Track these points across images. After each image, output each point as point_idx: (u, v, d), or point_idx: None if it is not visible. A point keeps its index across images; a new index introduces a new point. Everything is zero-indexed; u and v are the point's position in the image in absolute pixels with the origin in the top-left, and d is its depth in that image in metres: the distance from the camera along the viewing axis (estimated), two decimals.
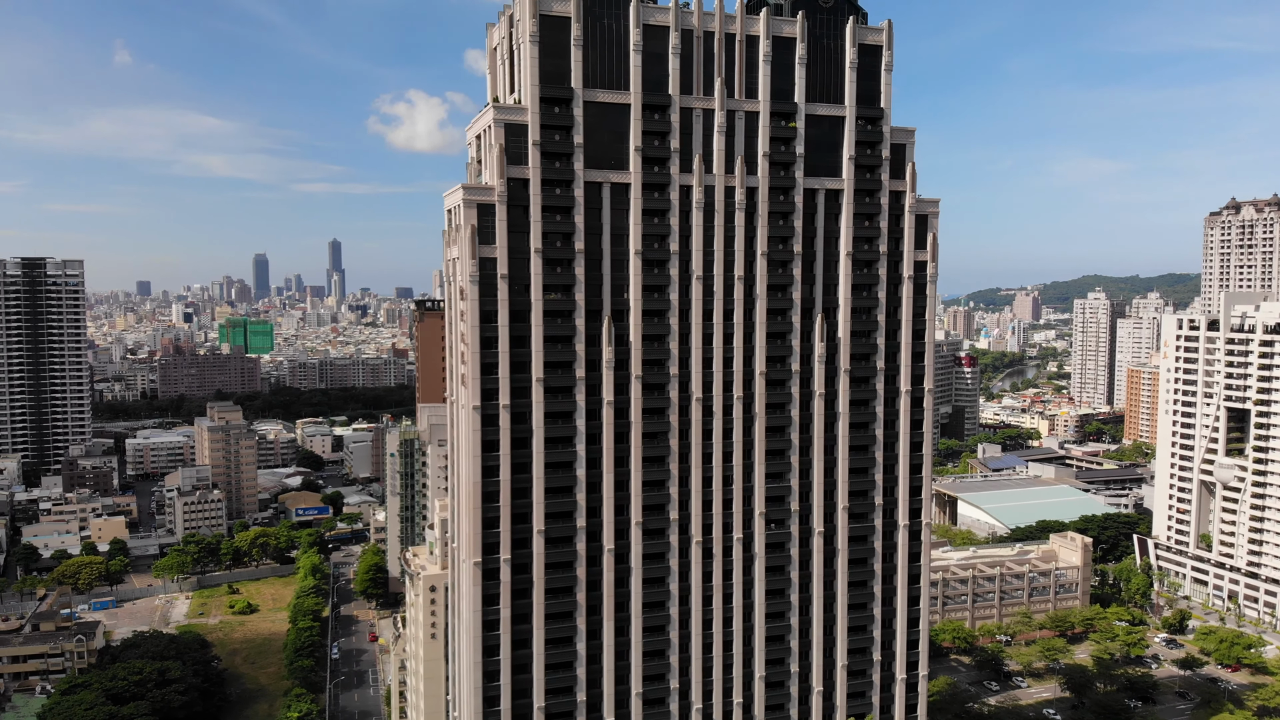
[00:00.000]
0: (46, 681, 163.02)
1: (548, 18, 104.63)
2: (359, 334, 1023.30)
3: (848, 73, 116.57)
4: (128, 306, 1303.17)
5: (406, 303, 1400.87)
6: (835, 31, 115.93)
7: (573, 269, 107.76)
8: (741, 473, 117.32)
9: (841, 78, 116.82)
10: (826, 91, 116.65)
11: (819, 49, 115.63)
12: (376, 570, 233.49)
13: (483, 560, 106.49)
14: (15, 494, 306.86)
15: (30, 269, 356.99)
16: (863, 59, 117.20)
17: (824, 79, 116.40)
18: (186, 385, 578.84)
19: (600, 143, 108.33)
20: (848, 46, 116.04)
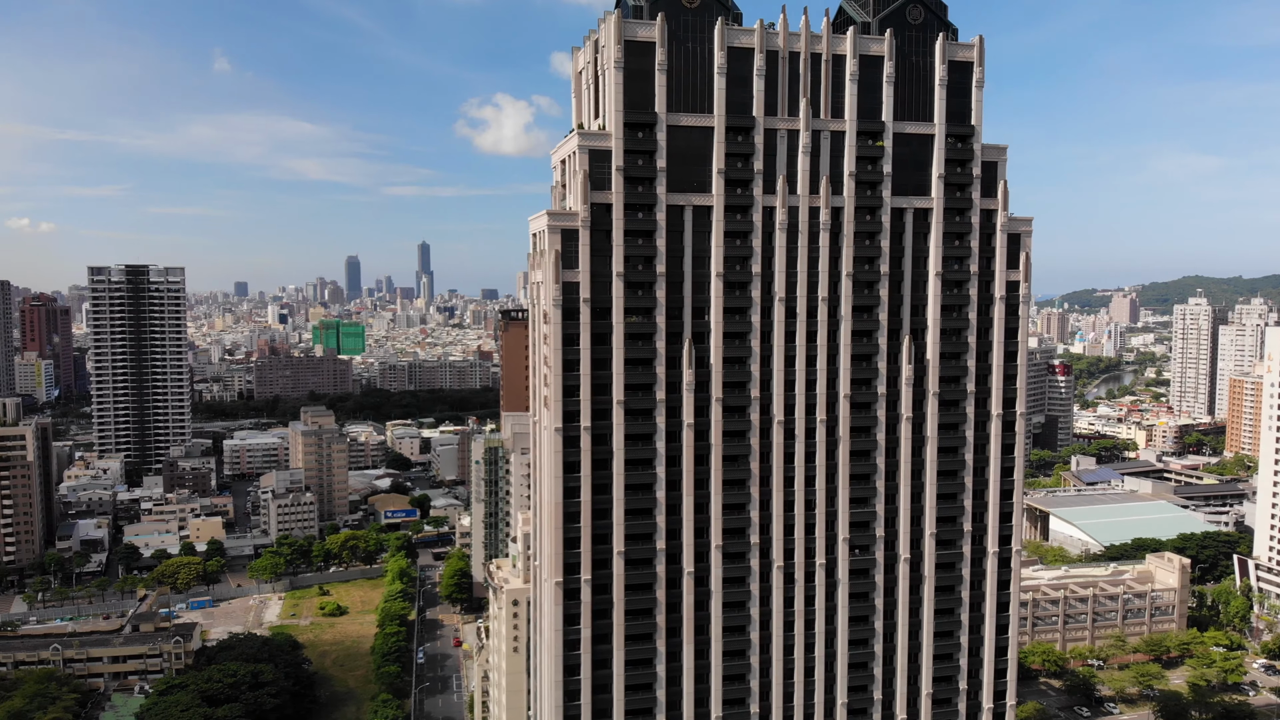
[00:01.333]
0: (145, 681, 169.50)
1: (632, 43, 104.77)
2: (446, 335, 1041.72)
3: (937, 90, 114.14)
4: (226, 307, 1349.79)
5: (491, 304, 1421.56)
6: (924, 49, 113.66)
7: (654, 292, 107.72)
8: (825, 497, 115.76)
9: (931, 95, 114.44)
10: (915, 109, 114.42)
11: (907, 66, 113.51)
12: (461, 575, 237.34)
13: (564, 580, 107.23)
14: (118, 494, 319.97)
15: (134, 275, 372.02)
16: (953, 76, 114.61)
17: (912, 97, 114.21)
18: (281, 386, 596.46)
19: (683, 166, 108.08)
20: (937, 64, 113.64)
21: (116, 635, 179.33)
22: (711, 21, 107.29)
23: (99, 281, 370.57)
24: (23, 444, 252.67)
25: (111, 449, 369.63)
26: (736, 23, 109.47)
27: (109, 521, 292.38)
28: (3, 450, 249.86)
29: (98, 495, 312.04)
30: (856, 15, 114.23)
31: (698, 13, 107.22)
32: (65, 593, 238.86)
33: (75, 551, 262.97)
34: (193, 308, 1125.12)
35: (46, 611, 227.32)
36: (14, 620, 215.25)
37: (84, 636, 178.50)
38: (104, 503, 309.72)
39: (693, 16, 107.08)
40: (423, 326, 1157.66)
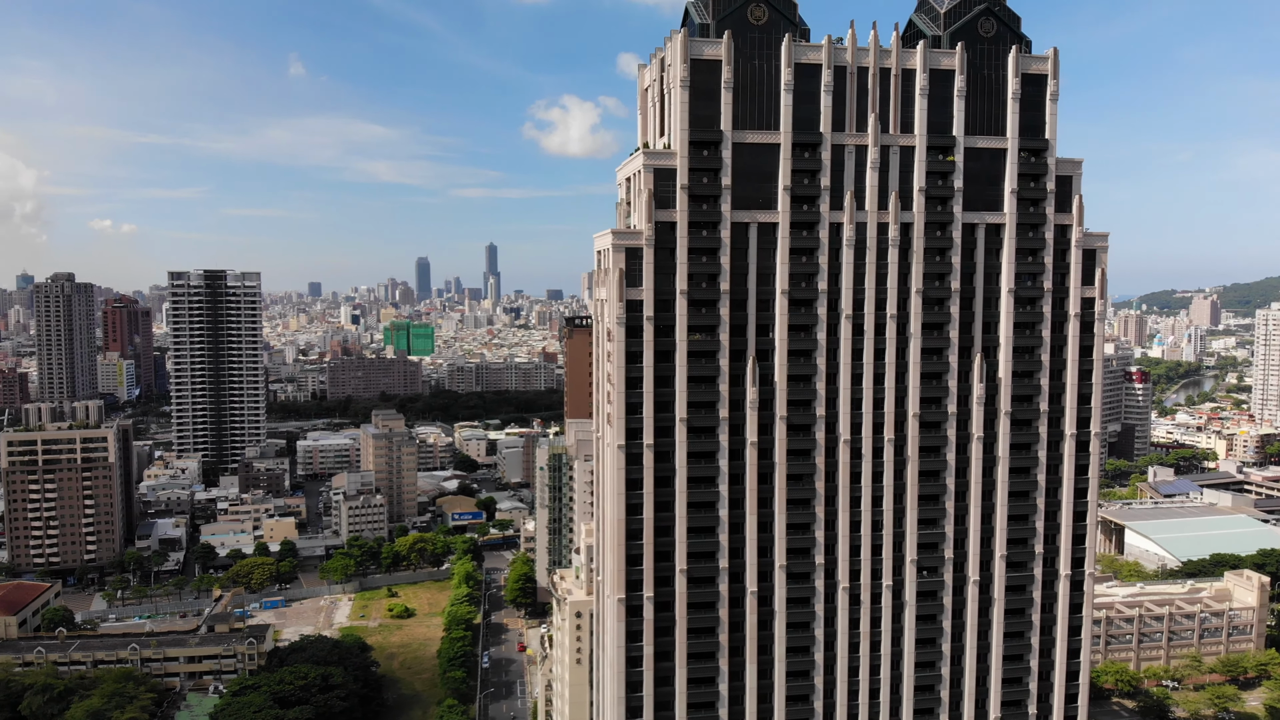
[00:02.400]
0: (219, 681, 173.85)
1: (698, 61, 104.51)
2: (512, 336, 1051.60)
3: (1010, 104, 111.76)
4: (300, 307, 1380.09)
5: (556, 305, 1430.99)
6: (997, 62, 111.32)
7: (718, 310, 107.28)
8: (892, 518, 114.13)
9: (1003, 109, 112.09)
10: (987, 123, 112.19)
11: (979, 80, 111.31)
12: (525, 580, 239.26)
13: (626, 597, 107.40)
14: (195, 493, 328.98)
15: (212, 280, 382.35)
16: (1026, 89, 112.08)
17: (984, 111, 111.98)
18: (353, 387, 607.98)
19: (748, 183, 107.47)
20: (1010, 77, 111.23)
21: (193, 635, 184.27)
22: (778, 38, 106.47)
23: (179, 286, 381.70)
24: (105, 446, 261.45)
25: (190, 449, 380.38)
26: (804, 39, 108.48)
27: (186, 521, 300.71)
28: (86, 452, 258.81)
29: (176, 495, 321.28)
30: (927, 29, 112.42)
31: (764, 30, 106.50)
32: (143, 591, 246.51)
33: (154, 550, 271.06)
34: (268, 308, 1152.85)
35: (125, 610, 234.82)
36: (94, 618, 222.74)
37: (161, 636, 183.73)
38: (182, 502, 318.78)
39: (759, 34, 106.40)
40: (489, 327, 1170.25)
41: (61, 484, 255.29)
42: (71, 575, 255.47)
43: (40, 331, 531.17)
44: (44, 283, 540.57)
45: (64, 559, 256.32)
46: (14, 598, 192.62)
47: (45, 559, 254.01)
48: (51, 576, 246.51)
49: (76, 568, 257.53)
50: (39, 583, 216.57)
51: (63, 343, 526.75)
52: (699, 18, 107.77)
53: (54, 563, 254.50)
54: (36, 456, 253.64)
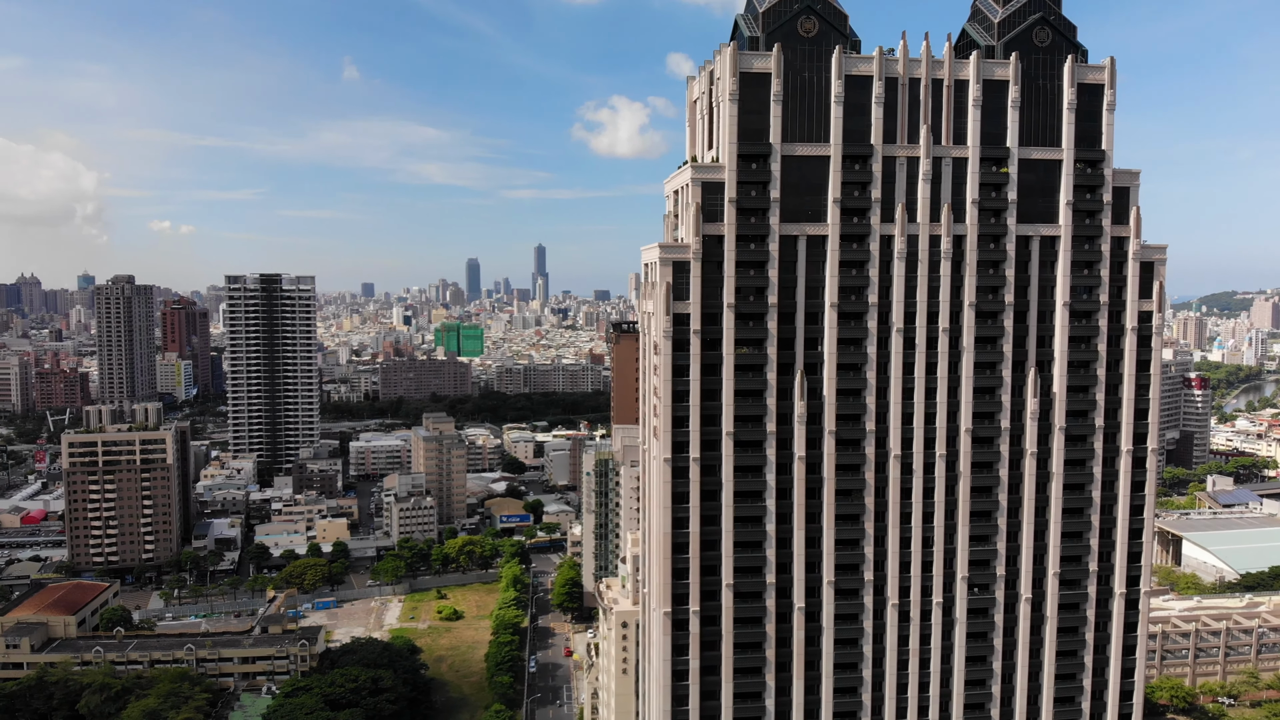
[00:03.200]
0: (272, 682, 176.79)
1: (747, 75, 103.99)
2: (559, 337, 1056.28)
3: (1065, 114, 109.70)
4: (353, 308, 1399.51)
5: (603, 305, 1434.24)
6: (1052, 72, 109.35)
7: (765, 323, 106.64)
8: (943, 534, 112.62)
9: (1059, 119, 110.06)
10: (1042, 134, 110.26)
11: (1034, 90, 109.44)
12: (572, 585, 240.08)
13: (672, 610, 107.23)
14: (250, 493, 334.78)
15: (268, 283, 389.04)
16: (1082, 99, 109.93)
17: (1039, 121, 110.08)
18: (405, 388, 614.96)
19: (797, 195, 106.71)
20: (1065, 87, 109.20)
21: (247, 636, 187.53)
22: (828, 50, 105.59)
23: (235, 289, 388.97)
24: (163, 447, 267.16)
25: (245, 449, 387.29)
26: (854, 50, 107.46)
27: (241, 521, 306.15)
28: (145, 453, 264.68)
29: (231, 495, 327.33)
30: (980, 39, 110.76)
31: (814, 42, 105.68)
32: (199, 590, 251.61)
33: (210, 550, 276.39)
34: (322, 308, 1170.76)
35: (182, 608, 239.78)
36: (151, 617, 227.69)
37: (216, 637, 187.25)
38: (237, 502, 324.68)
39: (809, 46, 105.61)
40: (537, 328, 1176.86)
41: (121, 485, 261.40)
42: (130, 574, 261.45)
43: (101, 332, 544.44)
44: (105, 285, 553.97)
45: (123, 558, 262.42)
46: (73, 598, 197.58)
47: (104, 558, 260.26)
48: (110, 575, 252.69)
49: (135, 566, 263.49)
50: (98, 582, 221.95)
51: (123, 343, 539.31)
52: (748, 30, 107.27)
53: (113, 562, 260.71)
54: (97, 457, 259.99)
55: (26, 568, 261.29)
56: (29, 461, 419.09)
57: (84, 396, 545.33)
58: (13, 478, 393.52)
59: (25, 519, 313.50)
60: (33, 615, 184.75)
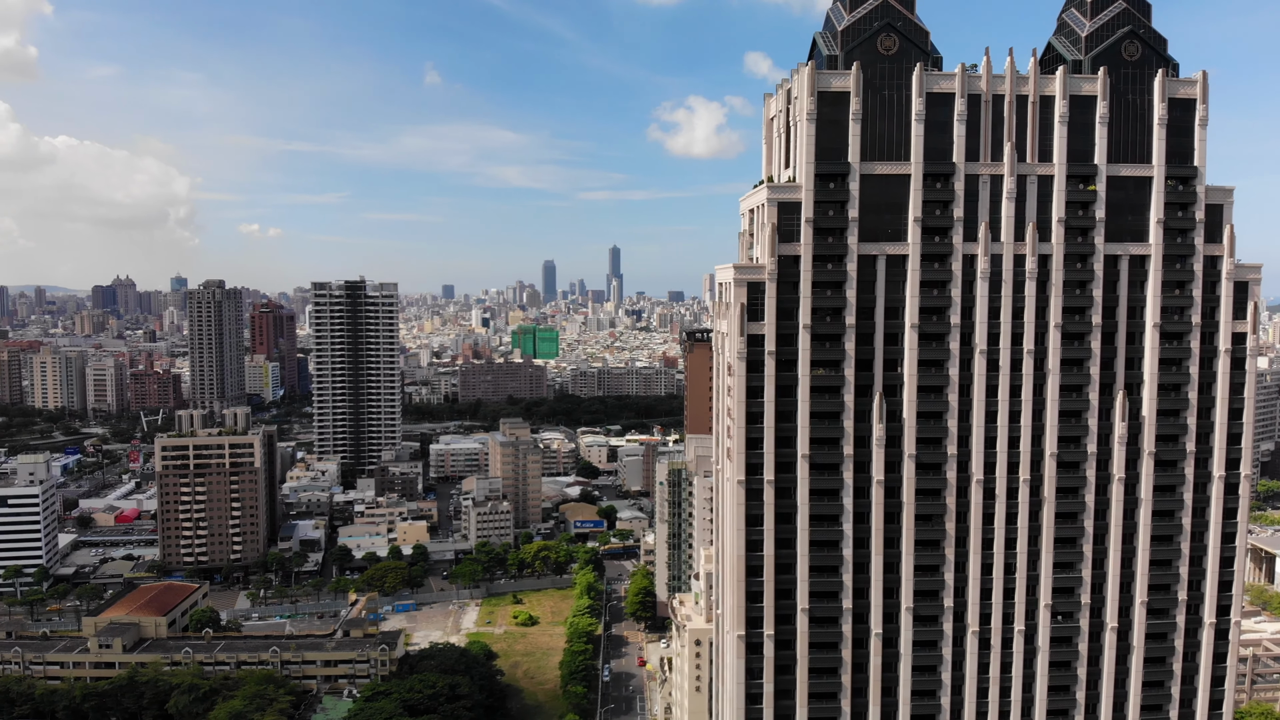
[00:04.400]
0: (354, 685, 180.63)
1: (826, 94, 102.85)
2: (633, 339, 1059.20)
3: (1156, 130, 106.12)
4: (434, 309, 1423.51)
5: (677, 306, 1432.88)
6: (1141, 86, 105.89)
7: (842, 344, 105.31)
8: (1026, 560, 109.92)
9: (1148, 136, 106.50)
10: (1131, 151, 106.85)
11: (1122, 106, 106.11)
12: (645, 594, 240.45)
13: (746, 634, 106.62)
14: (334, 495, 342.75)
15: (352, 289, 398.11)
16: (1173, 114, 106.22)
17: (1128, 138, 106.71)
18: (483, 390, 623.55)
19: (876, 215, 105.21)
20: (1156, 102, 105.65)
21: (329, 639, 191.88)
22: (909, 67, 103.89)
23: (321, 295, 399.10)
24: (251, 451, 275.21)
25: (330, 451, 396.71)
26: (936, 67, 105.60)
27: (325, 522, 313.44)
28: (234, 457, 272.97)
29: (316, 497, 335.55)
30: (1067, 53, 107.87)
31: (894, 59, 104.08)
32: (284, 591, 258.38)
33: (294, 552, 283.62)
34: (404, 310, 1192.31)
35: (267, 609, 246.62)
36: (237, 617, 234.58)
37: (300, 640, 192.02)
38: (321, 504, 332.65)
39: (889, 64, 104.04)
40: (611, 330, 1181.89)
41: (211, 487, 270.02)
42: (218, 574, 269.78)
43: (193, 335, 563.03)
44: (196, 289, 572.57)
45: (211, 558, 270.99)
46: (165, 599, 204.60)
47: (194, 558, 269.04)
48: (199, 575, 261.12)
49: (223, 567, 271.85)
50: (188, 584, 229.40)
51: (213, 346, 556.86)
52: (826, 49, 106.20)
53: (202, 562, 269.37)
54: (188, 461, 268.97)
55: (120, 566, 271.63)
56: (123, 461, 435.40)
57: (176, 397, 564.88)
58: (107, 477, 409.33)
59: (119, 518, 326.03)
60: (125, 616, 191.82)
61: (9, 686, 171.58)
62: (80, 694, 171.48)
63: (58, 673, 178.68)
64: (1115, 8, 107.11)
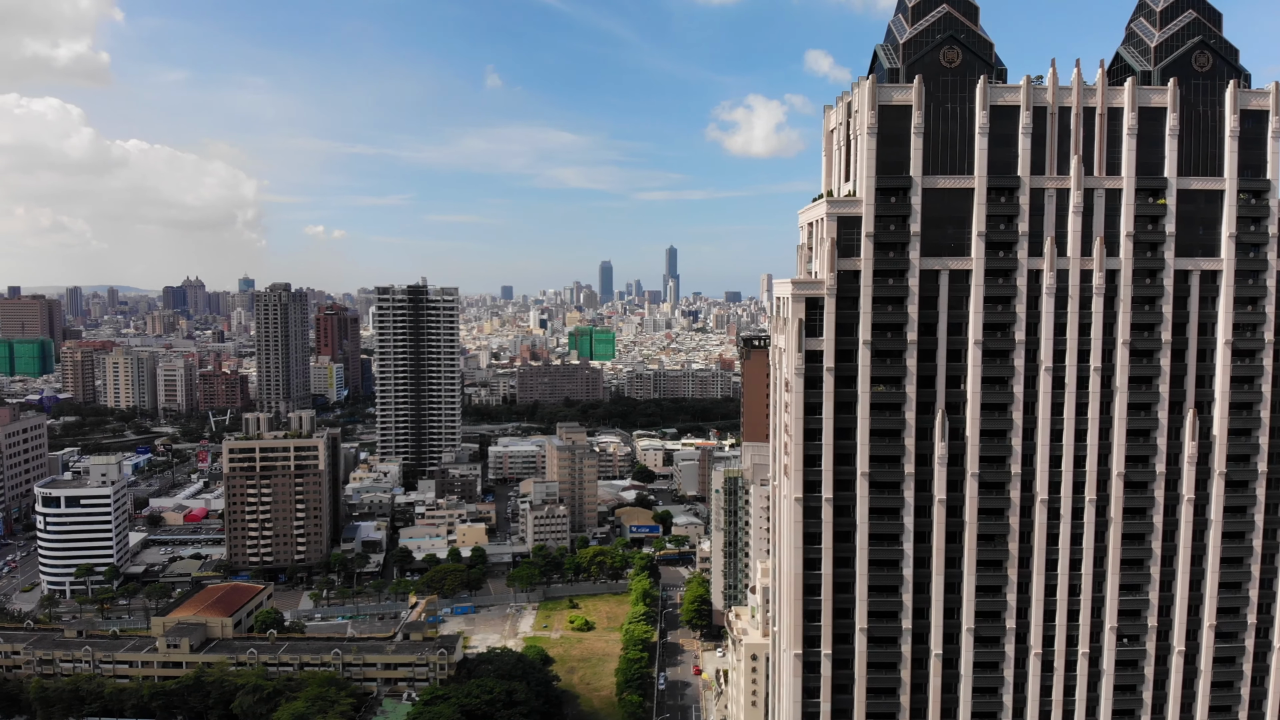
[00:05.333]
0: (413, 689, 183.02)
1: (887, 108, 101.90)
2: (689, 341, 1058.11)
3: (1228, 142, 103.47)
4: (493, 310, 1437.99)
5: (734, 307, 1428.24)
6: (1213, 98, 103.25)
7: (903, 360, 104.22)
8: (1091, 582, 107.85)
9: (1220, 148, 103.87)
10: (1202, 164, 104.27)
11: (1193, 118, 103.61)
12: (701, 602, 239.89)
13: (803, 652, 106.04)
14: (395, 496, 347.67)
15: (414, 294, 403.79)
16: (1245, 126, 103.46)
17: (1199, 150, 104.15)
18: (540, 392, 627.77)
19: (939, 229, 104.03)
20: (1228, 114, 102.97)
21: (389, 642, 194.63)
22: (972, 80, 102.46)
23: (384, 299, 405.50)
24: (315, 454, 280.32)
25: (391, 452, 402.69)
26: (1000, 79, 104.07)
27: (387, 524, 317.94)
28: (299, 459, 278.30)
29: (378, 498, 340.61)
30: (1135, 64, 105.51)
31: (958, 72, 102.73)
32: (346, 592, 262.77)
33: (357, 553, 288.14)
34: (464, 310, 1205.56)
35: (329, 610, 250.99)
36: (301, 618, 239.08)
37: (361, 642, 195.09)
38: (383, 505, 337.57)
39: (952, 76, 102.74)
40: (668, 331, 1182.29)
41: (276, 489, 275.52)
42: (283, 574, 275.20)
43: (260, 337, 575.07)
44: (263, 292, 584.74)
45: (276, 559, 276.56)
46: (231, 599, 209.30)
47: (260, 558, 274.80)
48: (264, 575, 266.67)
49: (287, 567, 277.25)
50: (253, 584, 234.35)
51: (279, 347, 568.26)
52: (888, 62, 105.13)
53: (267, 562, 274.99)
54: (255, 463, 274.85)
55: (188, 565, 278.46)
56: (192, 460, 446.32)
57: (243, 397, 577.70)
58: (176, 476, 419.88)
59: (188, 516, 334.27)
60: (192, 616, 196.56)
61: (79, 685, 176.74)
62: (148, 693, 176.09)
63: (126, 671, 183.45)
64: (1185, 17, 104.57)
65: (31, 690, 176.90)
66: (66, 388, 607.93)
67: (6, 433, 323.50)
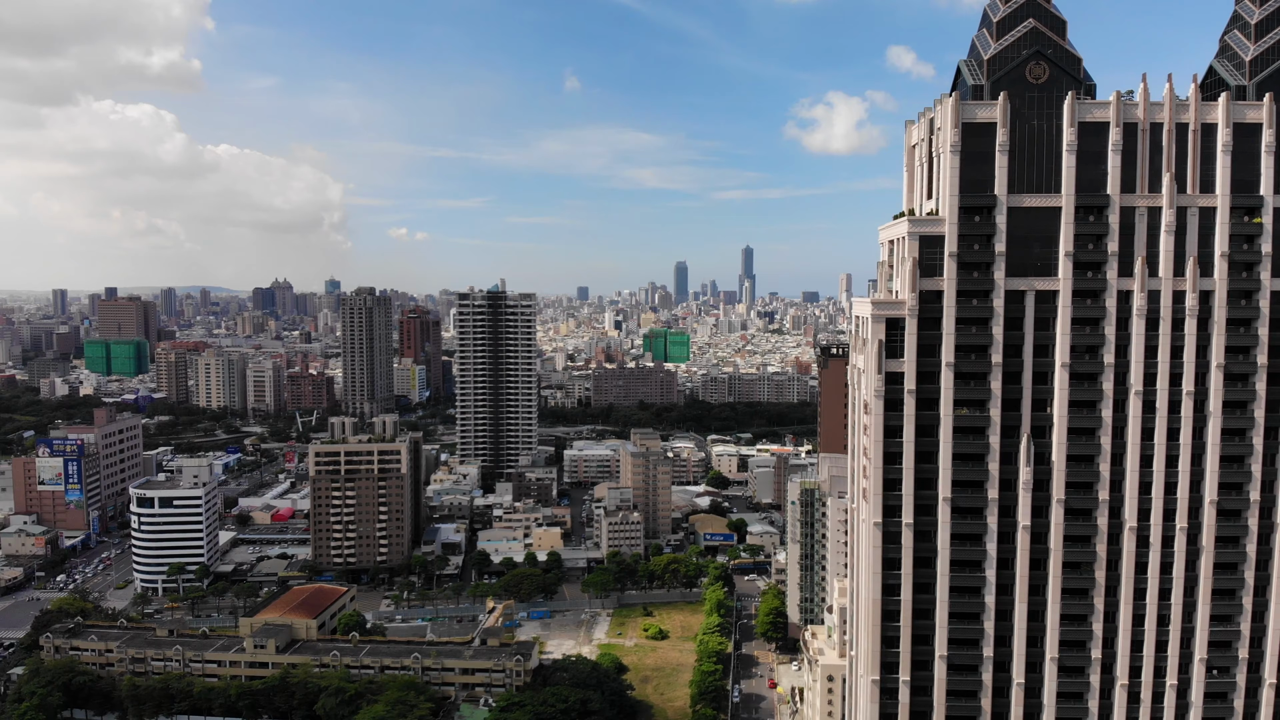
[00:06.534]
0: (490, 695, 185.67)
1: (970, 125, 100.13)
2: (765, 342, 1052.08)
3: None
4: (569, 311, 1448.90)
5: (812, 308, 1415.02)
6: None
7: (987, 383, 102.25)
8: (1181, 612, 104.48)
9: None
10: None
11: None
12: (776, 614, 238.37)
13: (881, 679, 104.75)
14: (474, 499, 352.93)
15: (493, 300, 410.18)
16: None
17: None
18: (615, 395, 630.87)
19: (1024, 249, 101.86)
20: None
21: (467, 647, 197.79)
22: (1060, 96, 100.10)
23: (465, 305, 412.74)
24: (398, 458, 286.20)
25: (470, 454, 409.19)
26: (1088, 95, 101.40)
27: (466, 526, 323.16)
28: (382, 464, 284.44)
29: (457, 500, 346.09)
30: (1229, 78, 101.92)
31: (1044, 88, 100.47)
32: (426, 594, 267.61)
33: (436, 555, 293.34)
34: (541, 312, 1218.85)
35: (409, 611, 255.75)
36: (382, 619, 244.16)
37: (439, 646, 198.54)
38: (462, 507, 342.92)
39: (1039, 92, 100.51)
40: (743, 332, 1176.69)
41: (360, 492, 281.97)
42: (365, 574, 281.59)
43: (345, 339, 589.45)
44: (349, 296, 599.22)
45: (359, 560, 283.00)
46: (316, 601, 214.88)
47: (343, 559, 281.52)
48: (348, 575, 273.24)
49: (370, 568, 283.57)
50: (337, 586, 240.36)
51: (364, 349, 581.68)
52: (972, 78, 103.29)
53: (350, 563, 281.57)
54: (339, 466, 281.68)
55: (275, 565, 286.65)
56: (279, 460, 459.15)
57: (329, 397, 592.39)
58: (265, 476, 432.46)
59: (275, 516, 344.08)
60: (279, 617, 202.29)
61: (169, 683, 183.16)
62: (235, 692, 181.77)
63: (215, 671, 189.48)
64: None
65: (124, 688, 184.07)
66: (161, 388, 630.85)
67: (104, 434, 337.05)
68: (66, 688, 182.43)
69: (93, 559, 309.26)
